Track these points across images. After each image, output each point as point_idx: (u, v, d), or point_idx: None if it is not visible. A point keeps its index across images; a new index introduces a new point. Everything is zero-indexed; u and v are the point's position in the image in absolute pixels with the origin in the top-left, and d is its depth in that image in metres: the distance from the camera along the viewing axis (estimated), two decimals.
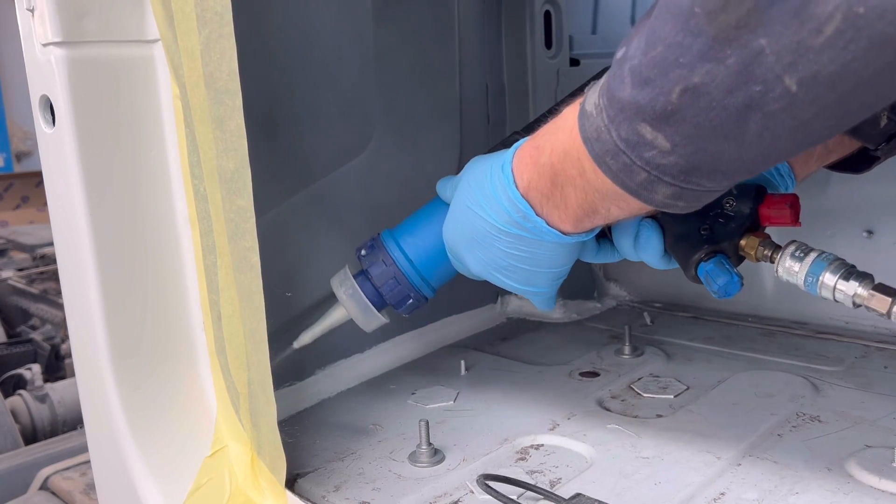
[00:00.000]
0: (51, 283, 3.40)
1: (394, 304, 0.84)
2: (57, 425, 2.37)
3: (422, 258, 0.82)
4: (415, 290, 0.82)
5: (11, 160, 6.04)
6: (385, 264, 0.82)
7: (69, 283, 0.86)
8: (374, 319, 0.86)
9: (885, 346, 1.09)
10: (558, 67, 1.36)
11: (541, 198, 0.64)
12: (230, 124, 0.68)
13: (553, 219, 0.64)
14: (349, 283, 0.84)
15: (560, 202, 0.62)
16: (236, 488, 0.82)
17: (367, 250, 0.84)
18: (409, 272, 0.82)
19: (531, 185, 0.64)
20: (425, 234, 0.82)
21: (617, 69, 0.51)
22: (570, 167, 0.58)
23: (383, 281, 0.82)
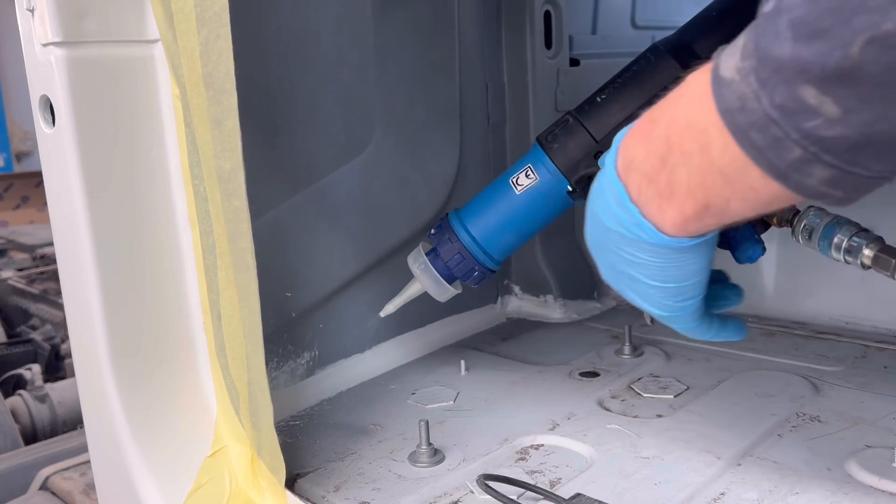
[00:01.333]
0: (51, 283, 3.40)
1: (461, 277, 0.92)
2: (57, 425, 2.37)
3: (484, 234, 0.89)
4: (478, 263, 0.90)
5: (11, 160, 6.04)
6: (450, 241, 0.90)
7: (69, 283, 0.86)
8: (445, 291, 0.94)
9: (885, 347, 1.09)
10: (558, 67, 1.36)
11: (641, 179, 0.54)
12: (227, 125, 0.68)
13: (651, 209, 0.54)
14: (421, 259, 0.94)
15: (665, 187, 0.52)
16: (236, 488, 0.82)
17: (435, 230, 0.93)
18: (472, 248, 0.89)
19: (633, 162, 0.54)
20: (487, 213, 0.89)
21: (768, 24, 0.42)
22: (691, 141, 0.49)
23: (449, 256, 0.90)
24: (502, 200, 0.87)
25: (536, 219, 0.88)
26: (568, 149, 0.83)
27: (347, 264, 1.10)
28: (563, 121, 0.84)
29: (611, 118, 0.81)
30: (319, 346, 1.07)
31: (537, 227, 0.90)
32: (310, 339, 1.06)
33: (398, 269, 1.17)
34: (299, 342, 1.05)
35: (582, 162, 0.82)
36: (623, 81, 0.82)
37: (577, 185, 0.83)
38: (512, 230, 0.89)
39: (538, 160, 0.85)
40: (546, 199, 0.86)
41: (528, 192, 0.86)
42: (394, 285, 1.17)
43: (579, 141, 0.82)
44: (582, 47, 1.47)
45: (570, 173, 0.83)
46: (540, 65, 1.32)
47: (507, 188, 0.87)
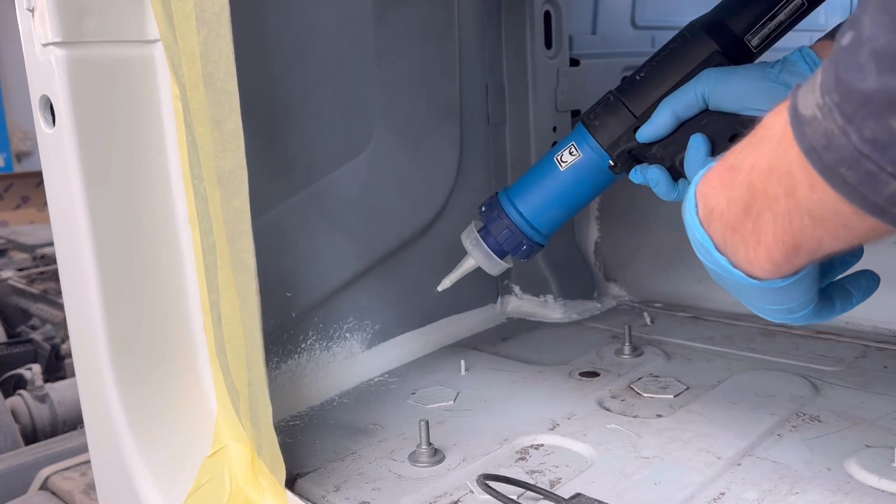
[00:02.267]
0: (51, 283, 3.40)
1: (511, 251, 0.95)
2: (57, 425, 2.37)
3: (531, 210, 0.92)
4: (527, 238, 0.93)
5: (11, 160, 6.04)
6: (499, 218, 0.93)
7: (69, 283, 0.86)
8: (496, 265, 0.96)
9: (885, 346, 1.09)
10: (558, 67, 1.36)
11: (724, 230, 0.53)
12: (228, 125, 0.68)
13: (738, 257, 0.54)
14: (473, 235, 0.96)
15: (750, 236, 0.51)
16: (236, 488, 0.82)
17: (486, 207, 0.96)
18: (521, 223, 0.93)
19: (715, 212, 0.54)
20: (534, 189, 0.92)
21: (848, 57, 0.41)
22: (775, 185, 0.47)
23: (499, 232, 0.93)
24: (548, 177, 0.91)
25: (581, 194, 0.92)
26: (609, 125, 0.86)
27: (347, 264, 1.10)
28: (605, 99, 0.88)
29: (649, 94, 0.84)
30: (319, 345, 1.07)
31: (582, 201, 0.93)
32: (310, 338, 1.06)
33: (398, 269, 1.18)
34: (299, 342, 1.05)
35: (622, 137, 0.86)
36: (660, 59, 0.85)
37: (617, 160, 0.87)
38: (558, 205, 0.92)
39: (581, 137, 0.89)
40: (589, 174, 0.89)
41: (572, 168, 0.89)
42: (394, 285, 1.18)
43: (620, 117, 0.86)
44: (582, 47, 1.47)
45: (611, 149, 0.87)
46: (540, 65, 1.32)
47: (552, 165, 0.91)
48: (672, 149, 0.82)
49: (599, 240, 1.46)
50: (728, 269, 0.54)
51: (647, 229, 1.41)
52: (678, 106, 0.80)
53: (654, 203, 1.36)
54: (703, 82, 0.78)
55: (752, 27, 0.81)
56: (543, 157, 0.93)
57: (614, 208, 1.44)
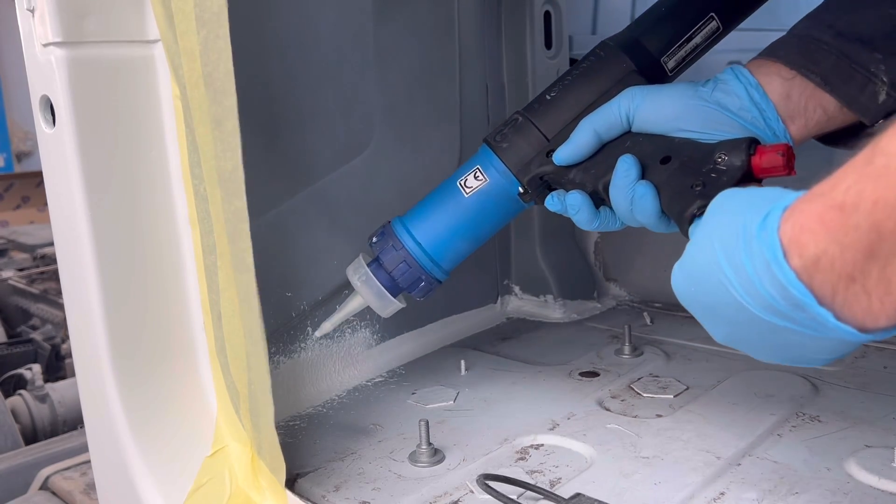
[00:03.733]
0: (51, 283, 3.40)
1: (406, 288, 0.86)
2: (57, 425, 2.37)
3: (431, 241, 0.84)
4: (426, 272, 0.85)
5: (12, 160, 6.04)
6: (395, 249, 0.84)
7: (69, 283, 0.86)
8: (388, 304, 0.88)
9: (885, 347, 1.09)
10: (558, 67, 1.36)
11: (837, 280, 0.45)
12: (227, 125, 0.68)
13: (853, 309, 0.45)
14: (362, 270, 0.87)
15: (878, 284, 0.44)
16: (236, 488, 0.82)
17: (377, 237, 0.87)
18: (419, 255, 0.84)
19: (822, 262, 0.45)
20: (434, 216, 0.84)
21: None
22: None
23: (394, 265, 0.84)
24: (450, 204, 0.83)
25: (487, 223, 0.84)
26: (519, 148, 0.80)
27: (347, 264, 1.09)
28: (513, 120, 0.82)
29: (562, 114, 0.79)
30: (319, 345, 1.07)
31: (488, 232, 0.86)
32: (310, 338, 1.06)
33: None
34: (299, 342, 1.05)
35: (534, 161, 0.79)
36: (573, 78, 0.80)
37: (528, 186, 0.80)
38: (461, 235, 0.84)
39: (487, 161, 0.82)
40: (496, 202, 0.83)
41: (478, 194, 0.82)
42: None
43: (530, 139, 0.80)
44: (582, 47, 1.47)
45: (521, 173, 0.80)
46: (540, 65, 1.32)
47: (454, 191, 0.83)
48: (594, 172, 0.75)
49: (599, 240, 1.46)
50: (832, 325, 0.46)
51: (647, 229, 1.40)
52: (600, 125, 0.74)
53: None
54: (627, 100, 0.73)
55: (668, 49, 0.78)
56: (444, 181, 0.85)
57: None
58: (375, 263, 0.87)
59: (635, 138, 0.73)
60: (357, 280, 0.88)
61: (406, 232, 0.85)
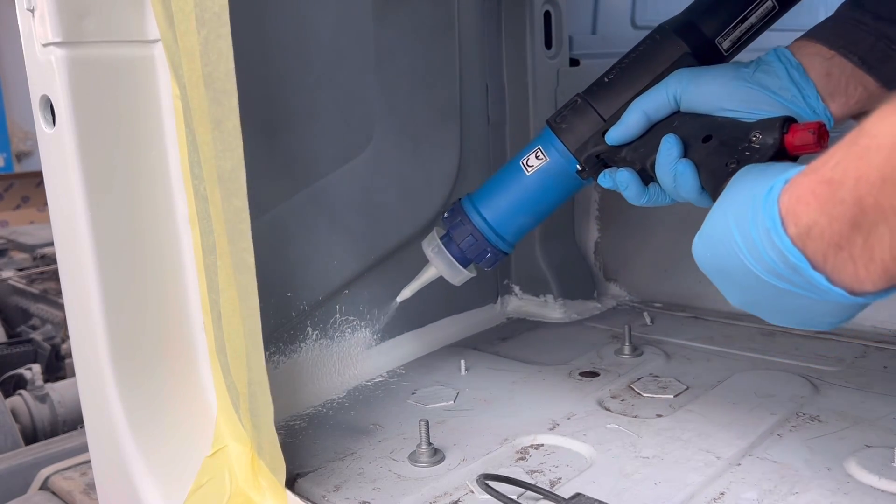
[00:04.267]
0: (51, 283, 3.40)
1: (474, 259, 0.94)
2: (57, 425, 2.36)
3: (495, 216, 0.91)
4: (491, 245, 0.91)
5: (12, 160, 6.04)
6: (462, 224, 0.92)
7: (69, 283, 0.86)
8: (458, 273, 0.95)
9: (885, 346, 1.09)
10: (558, 67, 1.36)
11: (827, 248, 0.50)
12: (227, 125, 0.68)
13: (843, 274, 0.50)
14: (435, 242, 0.95)
15: (862, 252, 0.48)
16: (236, 488, 0.82)
17: (448, 213, 0.94)
18: (485, 229, 0.91)
19: (813, 231, 0.50)
20: (499, 194, 0.91)
21: None
22: (890, 198, 0.45)
23: (462, 239, 0.92)
24: (513, 182, 0.89)
25: (547, 199, 0.90)
26: (577, 129, 0.85)
27: (347, 264, 1.10)
28: (572, 102, 0.86)
29: (618, 97, 0.83)
30: (319, 345, 1.08)
31: (548, 208, 0.91)
32: (310, 338, 1.06)
33: (398, 269, 1.18)
34: (299, 342, 1.05)
35: (590, 141, 0.84)
36: (630, 61, 0.84)
37: (585, 164, 0.85)
38: (523, 211, 0.90)
39: (548, 141, 0.87)
40: (556, 180, 0.87)
41: (538, 172, 0.87)
42: (394, 284, 1.17)
43: (587, 120, 0.84)
44: (582, 47, 1.47)
45: (578, 152, 0.85)
46: (540, 65, 1.32)
47: (517, 170, 0.89)
48: (642, 151, 0.79)
49: (599, 240, 1.46)
50: (825, 287, 0.51)
51: (647, 229, 1.41)
52: (649, 106, 0.78)
53: None
54: (674, 82, 0.76)
55: (723, 30, 0.80)
56: (508, 162, 0.91)
57: (614, 208, 1.44)
58: (447, 237, 0.94)
59: (682, 118, 0.76)
60: (430, 251, 0.96)
61: (473, 208, 0.92)
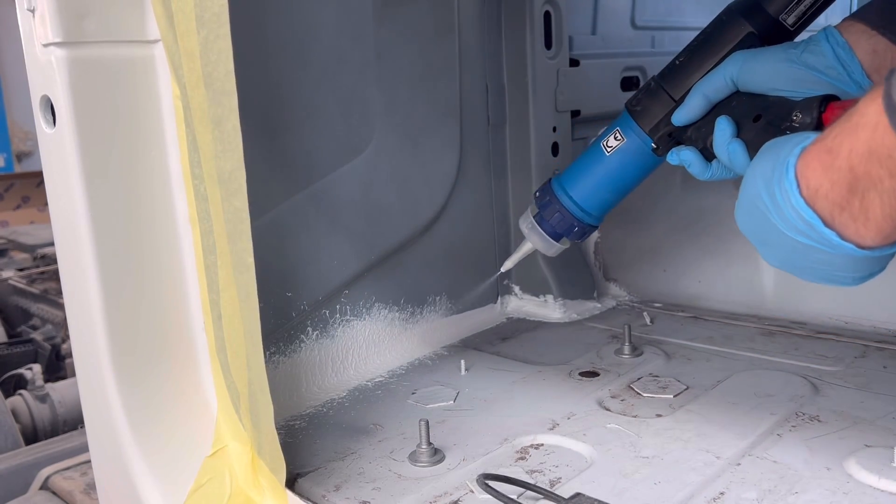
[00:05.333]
0: (51, 283, 3.40)
1: (564, 233, 1.00)
2: (57, 425, 2.36)
3: (581, 194, 0.97)
4: (578, 221, 0.98)
5: (12, 160, 6.05)
6: (552, 203, 0.98)
7: (70, 283, 0.86)
8: (551, 247, 1.01)
9: (884, 346, 1.09)
10: (558, 68, 1.36)
11: (832, 208, 0.57)
12: (227, 125, 0.68)
13: (848, 231, 0.57)
14: (529, 220, 1.02)
15: (859, 213, 0.55)
16: (237, 488, 0.82)
17: (539, 192, 1.01)
18: (571, 206, 0.97)
19: (819, 193, 0.57)
20: (583, 174, 0.97)
21: None
22: (877, 168, 0.52)
23: (551, 216, 0.99)
24: (595, 162, 0.95)
25: (627, 177, 0.95)
26: (650, 110, 0.90)
27: (347, 264, 1.10)
28: (647, 85, 0.91)
29: (688, 79, 0.87)
30: (319, 345, 1.08)
31: (629, 184, 0.97)
32: (310, 338, 1.06)
33: (398, 269, 1.18)
34: (299, 342, 1.05)
35: (662, 121, 0.89)
36: (698, 43, 0.88)
37: (658, 143, 0.90)
38: (606, 189, 0.96)
39: (625, 123, 0.92)
40: (634, 158, 0.93)
41: (617, 152, 0.93)
42: (394, 285, 1.18)
43: (660, 102, 0.89)
44: (582, 47, 1.47)
45: (653, 132, 0.90)
46: (540, 65, 1.32)
47: (598, 151, 0.95)
48: (704, 131, 0.84)
49: (599, 240, 1.46)
50: (837, 242, 0.57)
51: (647, 229, 1.41)
52: (709, 89, 0.83)
53: (654, 203, 1.37)
54: (731, 65, 0.81)
55: (787, 6, 0.83)
56: (591, 144, 0.97)
57: (614, 208, 1.44)
58: (539, 215, 1.01)
59: (739, 98, 0.81)
60: (525, 228, 1.03)
61: (561, 188, 0.98)
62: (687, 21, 1.73)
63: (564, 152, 1.39)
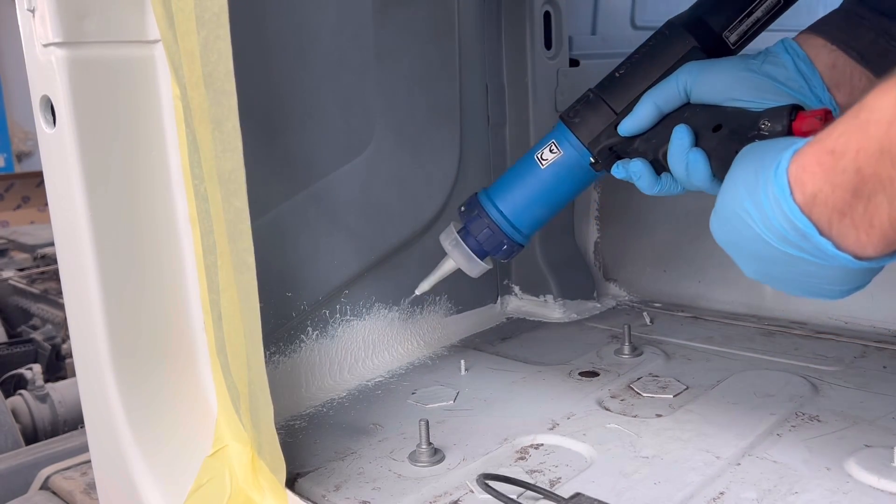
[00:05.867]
0: (51, 283, 3.40)
1: (491, 252, 0.95)
2: (58, 425, 2.36)
3: (511, 209, 0.93)
4: (507, 237, 0.93)
5: (12, 160, 6.05)
6: (479, 217, 0.93)
7: (70, 283, 0.86)
8: (476, 266, 0.97)
9: (884, 346, 1.09)
10: (558, 68, 1.36)
11: (831, 214, 0.53)
12: (227, 125, 0.68)
13: (847, 240, 0.53)
14: (452, 236, 0.96)
15: (862, 219, 0.52)
16: (237, 488, 0.82)
17: (465, 206, 0.96)
18: (501, 222, 0.93)
19: (818, 198, 0.53)
20: (514, 187, 0.93)
21: None
22: (888, 168, 0.48)
23: (479, 231, 0.94)
24: (528, 175, 0.92)
25: (562, 192, 0.92)
26: (589, 122, 0.87)
27: (347, 264, 1.10)
28: (585, 97, 0.89)
29: (630, 91, 0.85)
30: (319, 345, 1.08)
31: (563, 200, 0.93)
32: (310, 338, 1.06)
33: (399, 269, 1.18)
34: (299, 342, 1.05)
35: (603, 134, 0.86)
36: (640, 56, 0.86)
37: (598, 157, 0.87)
38: (539, 204, 0.92)
39: (562, 135, 0.89)
40: (570, 172, 0.90)
41: (553, 166, 0.90)
42: (394, 285, 1.18)
43: (600, 114, 0.86)
44: (582, 48, 1.47)
45: (592, 145, 0.87)
46: (540, 65, 1.32)
47: (532, 164, 0.91)
48: (654, 142, 0.81)
49: (599, 240, 1.46)
50: (832, 253, 0.54)
51: (646, 229, 1.41)
52: (660, 99, 0.80)
53: (654, 203, 1.37)
54: (684, 74, 0.78)
55: (730, 24, 0.82)
56: (523, 156, 0.93)
57: (614, 208, 1.44)
58: (464, 230, 0.95)
59: (692, 109, 0.79)
60: (448, 245, 0.97)
61: (490, 202, 0.93)
62: None
63: None
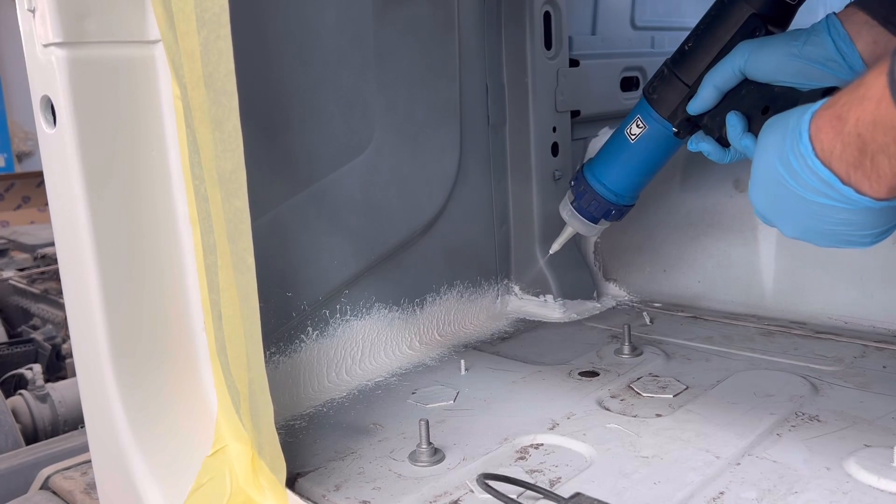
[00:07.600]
0: (52, 283, 3.40)
1: (602, 217, 1.09)
2: (58, 425, 2.37)
3: (612, 180, 1.05)
4: (613, 204, 1.07)
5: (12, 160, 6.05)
6: (586, 192, 1.07)
7: (70, 283, 0.86)
8: (592, 229, 1.12)
9: (884, 346, 1.09)
10: (558, 68, 1.36)
11: (847, 167, 0.61)
12: (227, 125, 0.68)
13: (864, 187, 0.61)
14: (568, 208, 1.12)
15: (871, 171, 0.60)
16: (237, 488, 0.82)
17: (573, 181, 1.10)
18: (605, 193, 1.06)
19: (834, 154, 0.62)
20: (611, 161, 1.05)
21: None
22: (882, 135, 0.56)
23: (588, 203, 1.08)
24: (621, 149, 1.02)
25: (653, 160, 1.02)
26: (666, 97, 0.95)
27: (348, 264, 1.10)
28: (660, 72, 0.96)
29: (697, 64, 0.91)
30: (320, 345, 1.08)
31: (657, 165, 1.03)
32: (310, 338, 1.06)
33: (399, 268, 1.18)
34: (300, 341, 1.05)
35: (679, 107, 0.94)
36: (703, 28, 0.90)
37: (679, 127, 0.95)
38: (636, 173, 1.04)
39: (644, 110, 0.98)
40: (658, 143, 0.99)
41: (641, 139, 1.00)
42: (394, 285, 1.18)
43: (674, 89, 0.94)
44: (582, 48, 1.47)
45: (671, 118, 0.96)
46: (540, 65, 1.32)
47: (623, 139, 1.01)
48: (718, 120, 0.88)
49: (599, 240, 1.47)
50: (855, 197, 0.61)
51: (647, 229, 1.41)
52: (719, 80, 0.87)
53: (654, 203, 1.37)
54: (738, 56, 0.85)
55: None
56: (615, 132, 1.04)
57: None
58: (576, 202, 1.10)
59: (749, 87, 0.86)
60: (565, 215, 1.13)
61: (593, 176, 1.06)
62: (687, 21, 1.73)
63: (564, 152, 1.39)
